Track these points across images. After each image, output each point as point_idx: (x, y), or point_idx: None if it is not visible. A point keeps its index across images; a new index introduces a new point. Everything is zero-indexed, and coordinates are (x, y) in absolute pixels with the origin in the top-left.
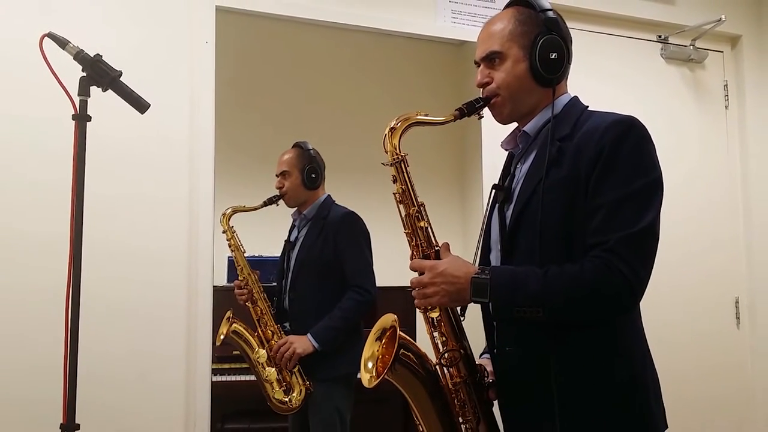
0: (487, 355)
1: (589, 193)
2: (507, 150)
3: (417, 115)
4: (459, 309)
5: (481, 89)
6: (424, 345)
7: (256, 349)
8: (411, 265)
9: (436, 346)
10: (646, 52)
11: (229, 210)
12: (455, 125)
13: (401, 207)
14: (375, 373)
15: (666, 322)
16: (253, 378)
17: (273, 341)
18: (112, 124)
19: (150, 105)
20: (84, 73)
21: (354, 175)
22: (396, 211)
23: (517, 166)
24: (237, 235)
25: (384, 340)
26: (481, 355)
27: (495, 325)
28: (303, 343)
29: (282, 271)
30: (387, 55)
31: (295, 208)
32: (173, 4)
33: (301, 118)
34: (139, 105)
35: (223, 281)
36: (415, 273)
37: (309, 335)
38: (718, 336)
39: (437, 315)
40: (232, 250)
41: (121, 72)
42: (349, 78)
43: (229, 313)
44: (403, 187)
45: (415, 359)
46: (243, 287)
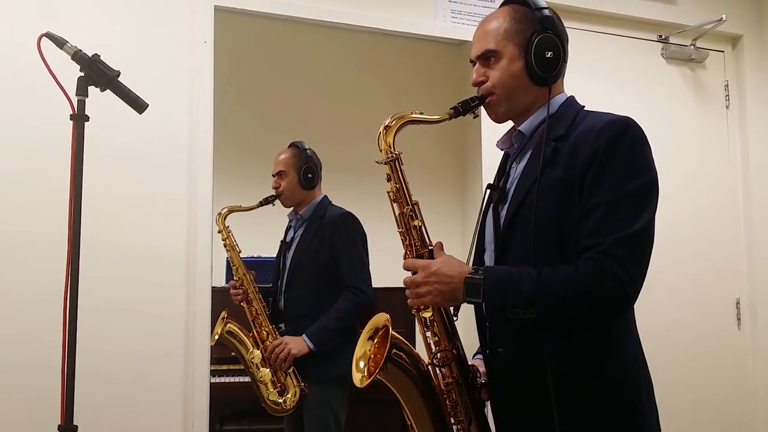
0: (479, 356)
1: (583, 193)
2: (502, 150)
3: (412, 113)
4: (452, 309)
5: (476, 88)
6: (423, 345)
7: (251, 350)
8: (404, 265)
9: (428, 346)
10: (646, 52)
11: (225, 210)
12: (454, 124)
13: (395, 206)
14: (366, 373)
15: (666, 323)
16: None
17: (268, 342)
18: (110, 124)
19: (148, 105)
20: (82, 73)
21: (351, 175)
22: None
23: (512, 166)
24: (233, 235)
25: (376, 340)
26: (474, 355)
27: (488, 325)
28: (298, 344)
29: (278, 272)
30: (386, 55)
31: (292, 209)
32: (172, 4)
33: (299, 117)
34: (138, 105)
35: (221, 282)
36: (408, 272)
37: (304, 336)
38: (719, 337)
39: (430, 315)
40: (227, 250)
41: (120, 72)
42: (348, 78)
43: (223, 314)
44: (397, 185)
45: (407, 359)
46: (238, 287)
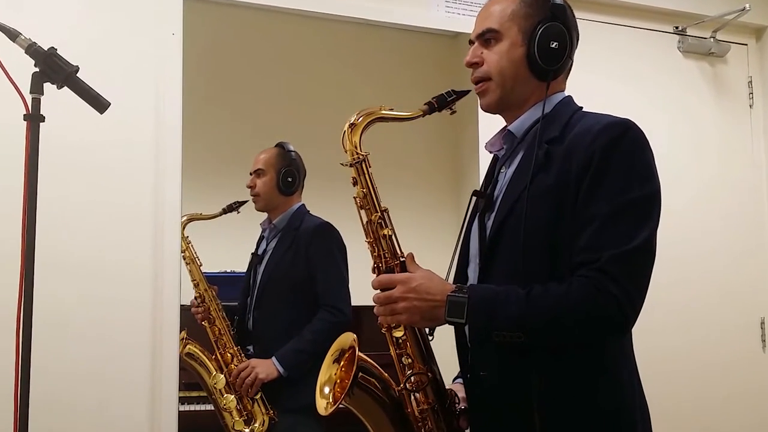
0: (459, 380)
1: (578, 203)
2: (491, 153)
3: (381, 109)
4: (427, 329)
5: (471, 71)
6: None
7: (214, 374)
8: (380, 281)
9: (401, 369)
10: (661, 45)
11: (184, 218)
12: (449, 124)
13: (362, 213)
14: (332, 399)
15: (683, 345)
16: None
17: (233, 365)
18: (68, 124)
19: (110, 104)
20: (37, 69)
21: (331, 182)
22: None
23: (501, 171)
24: (192, 246)
25: (342, 363)
26: (454, 380)
27: (469, 347)
28: (266, 368)
29: (247, 288)
30: (373, 49)
31: (265, 217)
32: None
33: (277, 117)
34: (98, 103)
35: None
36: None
37: (273, 359)
38: (741, 361)
39: (402, 334)
40: (186, 263)
41: (78, 67)
42: (331, 74)
43: (182, 334)
44: (364, 190)
45: (377, 383)
46: (199, 305)
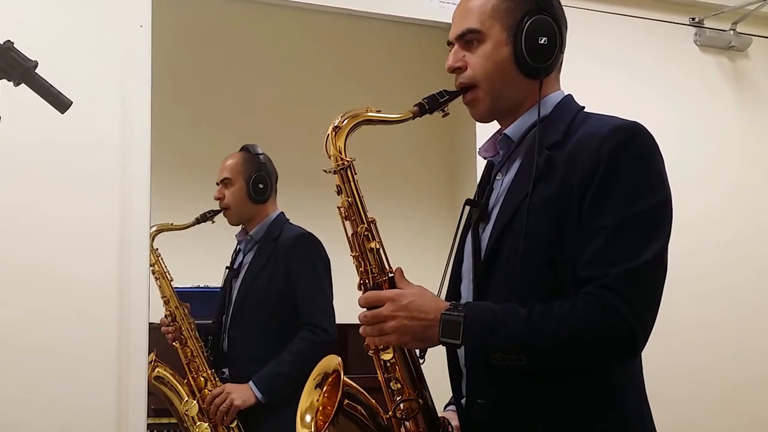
0: (452, 407)
1: (583, 214)
2: (486, 158)
3: (367, 111)
4: (418, 351)
5: (454, 76)
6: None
7: (186, 400)
8: (367, 299)
9: (390, 395)
10: (675, 38)
11: (154, 229)
12: (444, 128)
13: (347, 224)
14: (314, 428)
15: (699, 369)
16: None
17: (206, 390)
18: (25, 125)
19: (72, 102)
20: None
21: (313, 188)
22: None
23: (497, 179)
24: (162, 260)
25: (326, 388)
26: (446, 407)
27: (464, 371)
28: (243, 393)
29: (222, 305)
30: (360, 43)
31: (240, 228)
32: None
33: (254, 118)
34: (59, 102)
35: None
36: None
37: (251, 383)
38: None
39: (391, 357)
40: (156, 278)
41: (37, 62)
42: (314, 71)
43: (151, 356)
44: (349, 199)
45: (363, 411)
46: (169, 324)
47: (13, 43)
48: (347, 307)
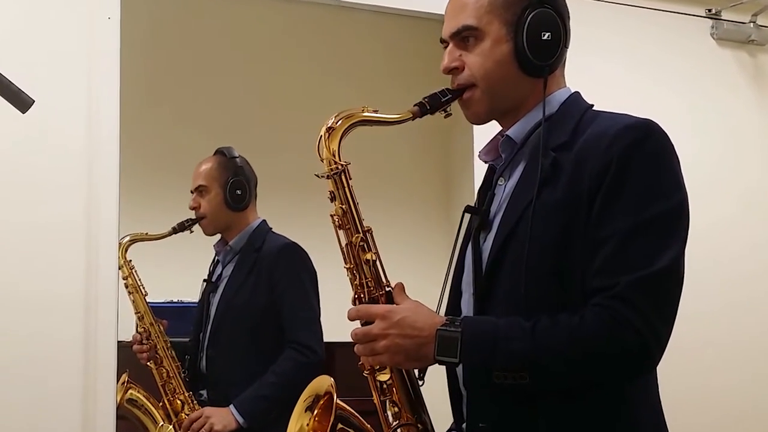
0: None
1: (592, 221)
2: (486, 162)
3: (363, 111)
4: (417, 371)
5: (450, 77)
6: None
7: (161, 425)
8: (356, 312)
9: (386, 419)
10: (691, 31)
11: (127, 239)
12: (439, 129)
13: (341, 233)
14: None
15: (720, 387)
16: None
17: (183, 414)
18: None
19: (34, 101)
20: None
21: (298, 194)
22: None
23: (499, 183)
24: (136, 272)
25: (317, 411)
26: None
27: (464, 393)
28: (223, 418)
29: (200, 321)
30: (347, 36)
31: (218, 237)
32: None
33: (231, 117)
34: (20, 101)
35: (130, 335)
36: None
37: (231, 407)
38: None
39: (388, 378)
40: (129, 292)
41: None
42: (296, 66)
43: (124, 377)
44: (343, 206)
45: None
46: (143, 342)
47: None
48: (335, 324)
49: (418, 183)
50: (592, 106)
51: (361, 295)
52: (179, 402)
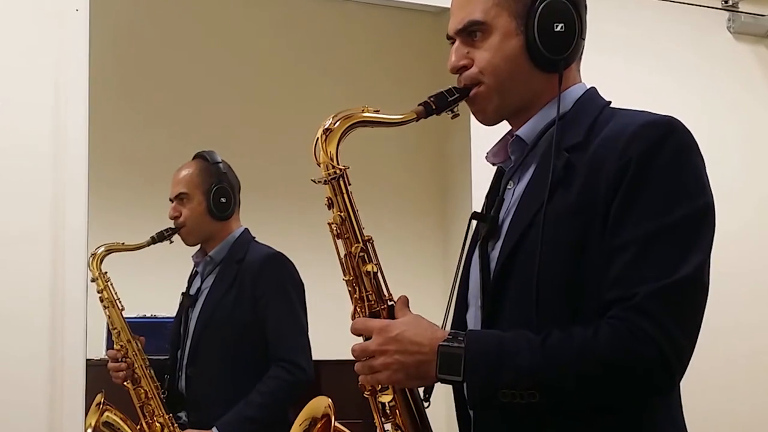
0: None
1: (608, 226)
2: (495, 164)
3: (363, 111)
4: (421, 390)
5: (456, 75)
6: None
7: None
8: (354, 327)
9: None
10: (706, 24)
11: (102, 249)
12: (434, 129)
13: (340, 243)
14: None
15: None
16: None
17: None
18: None
19: None
20: None
21: (282, 200)
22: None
23: (508, 187)
24: (112, 285)
25: None
26: None
27: (471, 414)
28: None
29: (178, 338)
30: (336, 30)
31: (198, 247)
32: None
33: (209, 118)
34: None
35: (100, 353)
36: (360, 338)
37: (215, 430)
38: None
39: (390, 399)
40: (104, 306)
41: None
42: (282, 61)
43: (99, 397)
44: (342, 214)
45: None
46: (120, 360)
47: None
48: (323, 341)
49: (411, 187)
50: (610, 103)
51: (361, 309)
52: (158, 425)
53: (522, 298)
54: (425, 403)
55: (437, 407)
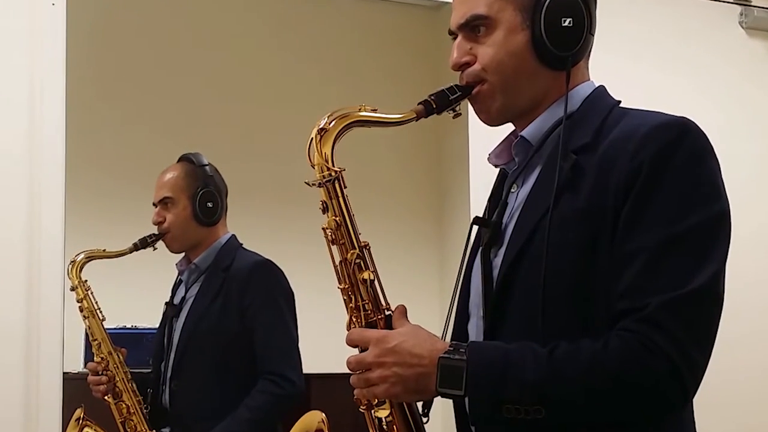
0: None
1: (618, 233)
2: (497, 166)
3: (360, 110)
4: (420, 405)
5: (459, 72)
6: None
7: None
8: (349, 337)
9: None
10: (718, 19)
11: (82, 256)
12: (430, 129)
13: (334, 249)
14: None
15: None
16: None
17: None
18: None
19: None
20: None
21: (271, 205)
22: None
23: (512, 191)
24: (92, 294)
25: None
26: None
27: (473, 429)
28: None
29: (161, 350)
30: (330, 26)
31: (182, 255)
32: None
33: (194, 118)
34: None
35: (78, 365)
36: (356, 350)
37: None
38: None
39: (387, 414)
40: (84, 317)
41: None
42: (272, 57)
43: (78, 413)
44: (337, 218)
45: None
46: (101, 373)
47: None
48: (313, 354)
49: (407, 190)
50: (619, 102)
51: (357, 319)
52: None
53: (527, 308)
54: (424, 419)
55: (435, 422)
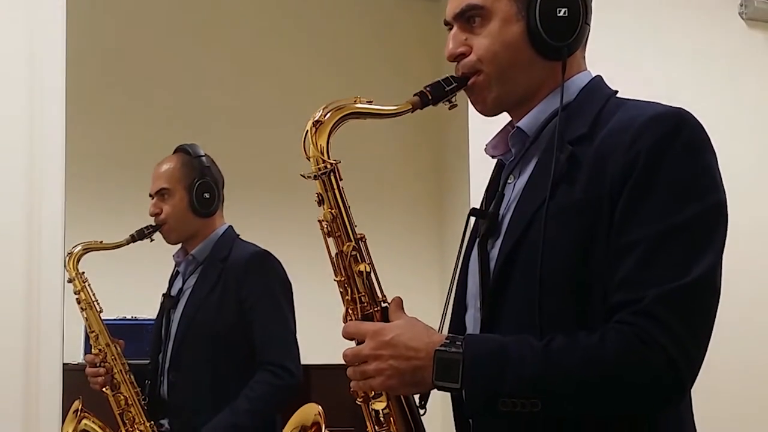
0: None
1: (615, 225)
2: (494, 157)
3: (356, 102)
4: (417, 398)
5: (455, 63)
6: None
7: None
8: (345, 330)
9: None
10: (717, 10)
11: (79, 248)
12: (430, 120)
13: (330, 241)
14: None
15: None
16: None
17: None
18: None
19: None
20: None
21: (268, 195)
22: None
23: (509, 182)
24: (89, 286)
25: None
26: None
27: (471, 423)
28: None
29: (159, 341)
30: (328, 16)
31: (179, 246)
32: None
33: (191, 109)
34: None
35: (78, 357)
36: (352, 342)
37: None
38: None
39: (384, 406)
40: (82, 308)
41: None
42: (269, 48)
43: (77, 404)
44: (333, 211)
45: None
46: (99, 365)
47: None
48: (311, 344)
49: (405, 182)
50: (617, 92)
51: (353, 312)
52: None
53: (523, 300)
54: (421, 411)
55: (433, 413)
